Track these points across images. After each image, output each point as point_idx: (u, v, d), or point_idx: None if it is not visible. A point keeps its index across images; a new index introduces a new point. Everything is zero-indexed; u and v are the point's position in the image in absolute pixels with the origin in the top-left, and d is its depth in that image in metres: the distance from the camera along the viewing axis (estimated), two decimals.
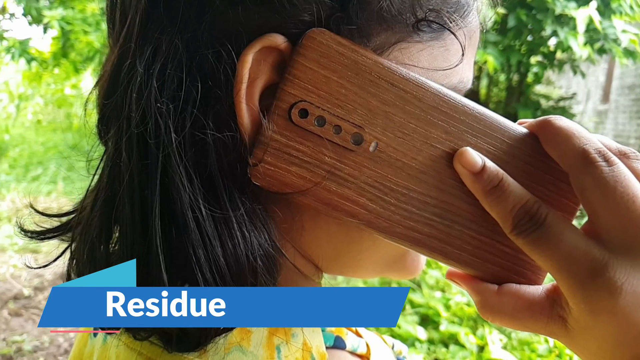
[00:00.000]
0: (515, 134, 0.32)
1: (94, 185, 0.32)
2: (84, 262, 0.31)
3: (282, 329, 0.31)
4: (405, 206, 0.31)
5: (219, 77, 0.27)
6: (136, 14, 0.29)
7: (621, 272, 0.27)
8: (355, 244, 0.34)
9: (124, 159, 0.28)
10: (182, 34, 0.28)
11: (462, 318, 2.32)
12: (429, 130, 0.31)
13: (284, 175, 0.29)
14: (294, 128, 0.29)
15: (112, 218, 0.29)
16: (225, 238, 0.28)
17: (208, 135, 0.27)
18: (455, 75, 0.32)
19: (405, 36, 0.30)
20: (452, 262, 0.33)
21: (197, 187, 0.27)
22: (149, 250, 0.28)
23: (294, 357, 0.31)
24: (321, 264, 0.35)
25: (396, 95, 0.30)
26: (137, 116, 0.28)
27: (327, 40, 0.28)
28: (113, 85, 0.29)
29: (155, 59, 0.27)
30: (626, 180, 0.28)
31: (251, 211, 0.29)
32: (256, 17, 0.28)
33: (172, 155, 0.27)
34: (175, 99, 0.27)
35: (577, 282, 0.28)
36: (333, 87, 0.29)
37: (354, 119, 0.29)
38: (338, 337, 0.36)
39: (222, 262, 0.28)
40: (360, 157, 0.30)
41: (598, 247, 0.28)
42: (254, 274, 0.29)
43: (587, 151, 0.29)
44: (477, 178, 0.30)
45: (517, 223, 0.30)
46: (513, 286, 0.33)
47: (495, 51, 3.32)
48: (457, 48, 0.32)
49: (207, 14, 0.27)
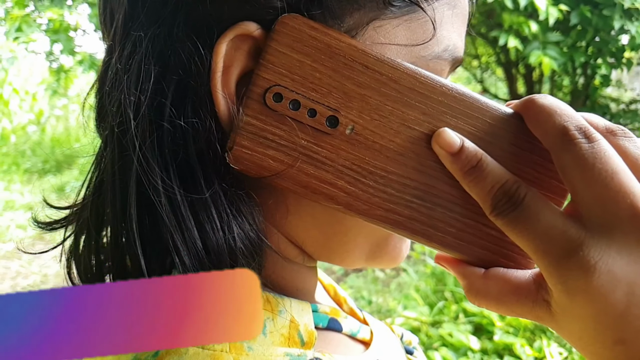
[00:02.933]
0: (499, 114, 0.32)
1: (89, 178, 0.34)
2: (81, 251, 0.33)
3: (269, 305, 0.32)
4: (384, 188, 0.31)
5: (195, 68, 0.29)
6: (120, 15, 0.31)
7: (596, 250, 0.26)
8: (340, 224, 0.34)
9: (108, 151, 0.31)
10: (160, 31, 0.29)
11: (518, 328, 2.23)
12: (406, 112, 0.31)
13: (261, 158, 0.30)
14: (269, 112, 0.30)
15: (101, 208, 0.32)
16: (202, 222, 0.29)
17: (187, 124, 0.29)
18: (438, 45, 0.32)
19: (379, 14, 0.30)
20: (436, 245, 0.33)
21: (173, 173, 0.29)
22: (128, 237, 0.29)
23: (280, 333, 0.32)
24: (309, 249, 0.35)
25: (371, 77, 0.30)
26: (114, 109, 0.30)
27: (299, 25, 0.29)
28: (101, 82, 0.32)
29: (134, 56, 0.30)
30: (606, 157, 0.27)
31: (233, 196, 0.30)
32: (226, 8, 0.29)
33: (148, 145, 0.29)
34: (154, 91, 0.29)
35: (553, 261, 0.27)
36: (307, 71, 0.30)
37: (329, 102, 0.30)
38: (333, 319, 0.37)
39: (199, 246, 0.29)
40: (336, 140, 0.31)
41: (576, 226, 0.28)
42: (234, 259, 0.30)
43: (566, 128, 0.29)
44: (455, 159, 0.30)
45: (496, 204, 0.30)
46: (500, 270, 0.32)
47: (556, 52, 3.18)
48: (438, 17, 0.32)
49: (181, 10, 0.29)
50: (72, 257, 0.33)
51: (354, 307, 0.45)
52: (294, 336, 0.32)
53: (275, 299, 0.33)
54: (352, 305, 0.45)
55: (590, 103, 4.82)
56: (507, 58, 3.87)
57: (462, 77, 6.39)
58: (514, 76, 4.08)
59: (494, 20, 3.16)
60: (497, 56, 3.98)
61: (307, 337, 0.33)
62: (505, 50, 3.67)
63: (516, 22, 2.74)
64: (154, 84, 0.29)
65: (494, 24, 3.21)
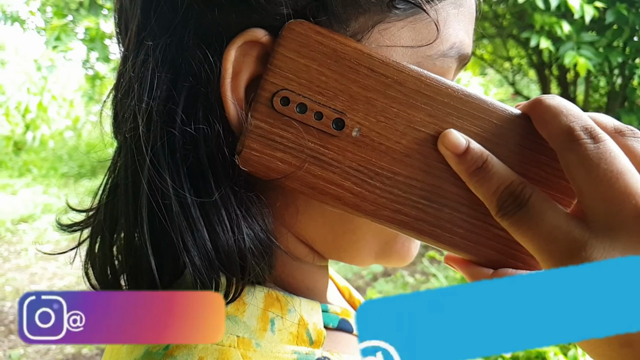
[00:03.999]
0: (506, 115, 0.32)
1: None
2: (96, 253, 0.34)
3: (278, 304, 0.33)
4: (391, 189, 0.32)
5: (205, 75, 0.30)
6: (133, 25, 0.32)
7: (598, 251, 0.26)
8: (349, 223, 0.35)
9: (122, 156, 0.32)
10: (171, 40, 0.31)
11: None
12: (412, 114, 0.31)
13: (270, 160, 0.31)
14: (277, 115, 0.31)
15: (115, 211, 0.33)
16: (212, 224, 0.30)
17: (198, 129, 0.30)
18: (444, 43, 0.32)
19: (383, 17, 0.31)
20: (444, 246, 0.33)
21: (183, 177, 0.30)
22: (140, 239, 0.31)
23: (288, 331, 0.32)
24: (319, 248, 0.36)
25: (376, 80, 0.31)
26: (126, 115, 0.31)
27: (305, 30, 0.30)
28: (116, 90, 0.33)
29: (146, 64, 0.31)
30: (611, 157, 0.27)
31: (242, 198, 0.31)
32: (234, 16, 0.30)
33: (159, 150, 0.30)
34: (165, 98, 0.30)
35: (556, 262, 0.27)
36: (313, 75, 0.30)
37: (335, 105, 0.31)
38: (343, 319, 0.37)
39: (209, 247, 0.29)
40: (343, 141, 0.31)
41: (580, 227, 0.27)
42: (243, 259, 0.30)
43: (572, 128, 0.28)
44: (460, 159, 0.31)
45: (501, 204, 0.29)
46: (508, 271, 0.32)
47: (591, 52, 3.09)
48: (443, 17, 0.32)
49: (191, 19, 0.30)
50: (89, 258, 0.35)
51: None
52: (302, 335, 0.33)
53: (285, 298, 0.34)
54: None
55: (628, 104, 4.67)
56: (540, 59, 3.79)
57: (494, 79, 6.29)
58: (547, 78, 3.99)
59: (525, 21, 3.10)
60: (529, 58, 3.90)
61: (316, 336, 0.33)
62: (538, 52, 3.59)
63: (548, 22, 2.69)
64: (165, 91, 0.30)
65: (525, 25, 3.15)
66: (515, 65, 4.45)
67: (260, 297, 0.33)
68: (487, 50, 4.48)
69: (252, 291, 0.33)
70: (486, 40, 4.16)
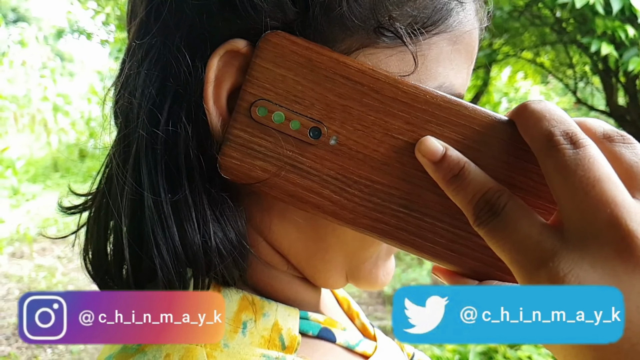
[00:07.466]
0: (490, 122, 0.31)
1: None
2: (93, 238, 0.36)
3: (253, 308, 0.33)
4: (370, 197, 0.32)
5: (191, 79, 0.31)
6: (138, 19, 0.33)
7: (567, 262, 0.25)
8: (322, 241, 0.35)
9: (113, 148, 0.34)
10: (166, 41, 0.32)
11: None
12: (389, 122, 0.31)
13: (249, 168, 0.32)
14: (255, 125, 0.31)
15: (107, 199, 0.34)
16: (182, 221, 0.31)
17: (180, 130, 0.31)
18: (433, 80, 0.32)
19: (370, 42, 0.31)
20: (427, 256, 0.32)
21: (160, 174, 0.31)
22: (121, 230, 0.32)
23: (260, 335, 0.33)
24: (293, 261, 0.36)
25: (352, 89, 0.31)
26: (120, 109, 0.33)
27: (281, 40, 0.30)
28: (115, 85, 0.35)
29: (142, 63, 0.32)
30: (589, 164, 0.26)
31: (217, 200, 0.32)
32: (221, 25, 0.31)
33: (142, 145, 0.31)
34: (154, 97, 0.32)
35: (526, 273, 0.26)
36: (290, 84, 0.31)
37: (311, 114, 0.31)
38: (325, 328, 0.36)
39: (177, 242, 0.30)
40: (320, 150, 0.31)
41: (553, 237, 0.26)
42: (209, 259, 0.31)
43: (552, 133, 0.27)
44: (437, 167, 0.30)
45: (478, 213, 0.29)
46: (493, 283, 0.31)
47: None
48: (435, 53, 0.32)
49: (183, 23, 0.31)
50: (85, 246, 0.36)
51: (365, 322, 0.45)
52: (274, 339, 0.33)
53: (262, 302, 0.34)
54: (364, 320, 0.45)
55: None
56: (605, 66, 3.60)
57: (557, 87, 6.02)
58: (614, 86, 3.78)
59: (587, 26, 2.96)
60: (593, 64, 3.71)
61: (289, 341, 0.33)
62: (603, 58, 3.42)
63: (611, 27, 2.56)
64: (155, 89, 0.32)
65: (588, 30, 3.01)
66: (578, 73, 4.25)
67: (235, 300, 0.33)
68: (549, 57, 4.31)
69: (227, 293, 0.33)
70: (548, 47, 4.00)
